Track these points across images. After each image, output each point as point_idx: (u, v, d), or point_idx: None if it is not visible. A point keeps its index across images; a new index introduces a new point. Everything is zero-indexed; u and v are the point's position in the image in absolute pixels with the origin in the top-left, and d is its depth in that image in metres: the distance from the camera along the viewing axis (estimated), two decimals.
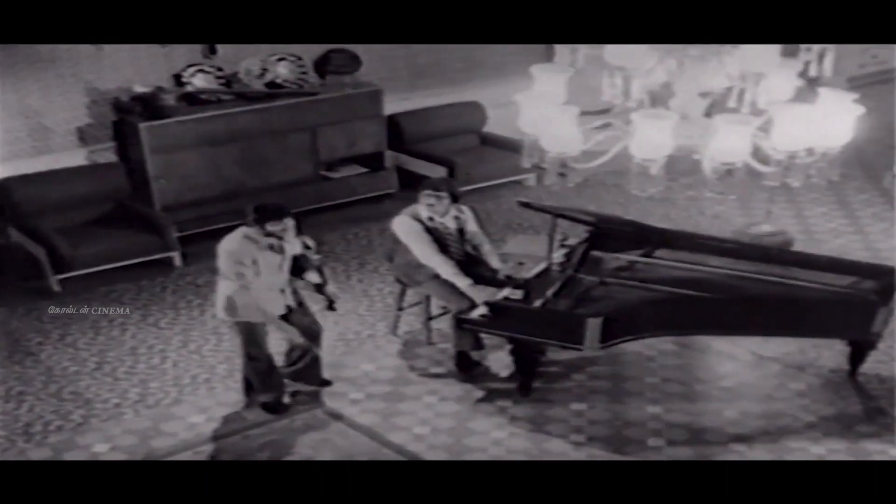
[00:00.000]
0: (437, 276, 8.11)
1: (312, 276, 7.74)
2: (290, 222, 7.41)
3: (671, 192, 11.81)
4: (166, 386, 8.18)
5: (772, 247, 9.17)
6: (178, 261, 10.21)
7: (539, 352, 7.90)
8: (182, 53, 11.12)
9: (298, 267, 7.73)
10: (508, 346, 7.90)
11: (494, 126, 12.63)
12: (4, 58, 10.18)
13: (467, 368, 8.31)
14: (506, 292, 7.87)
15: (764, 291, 7.76)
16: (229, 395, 7.98)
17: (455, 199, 8.22)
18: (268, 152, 11.15)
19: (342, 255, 10.50)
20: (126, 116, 10.69)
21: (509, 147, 11.93)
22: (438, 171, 11.40)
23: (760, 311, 7.68)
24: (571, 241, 8.54)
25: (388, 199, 11.72)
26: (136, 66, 10.89)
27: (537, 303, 7.70)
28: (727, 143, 5.34)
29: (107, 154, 10.89)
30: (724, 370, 8.23)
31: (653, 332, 7.71)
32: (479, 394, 7.99)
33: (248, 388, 7.89)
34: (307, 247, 7.67)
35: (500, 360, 8.21)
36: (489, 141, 12.44)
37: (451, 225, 8.23)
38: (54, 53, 10.46)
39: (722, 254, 8.26)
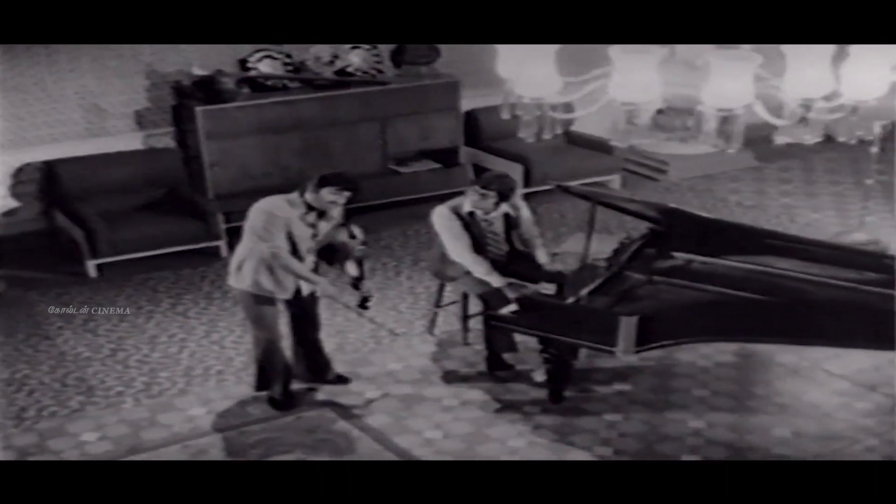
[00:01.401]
0: (469, 273, 7.35)
1: (351, 268, 7.08)
2: (344, 197, 6.80)
3: (763, 197, 10.82)
4: (176, 376, 7.64)
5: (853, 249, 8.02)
6: (224, 250, 9.62)
7: (571, 354, 7.01)
8: None
9: (338, 255, 7.12)
10: (539, 348, 7.02)
11: (583, 125, 11.76)
12: None
13: (498, 371, 7.50)
14: (539, 287, 7.02)
15: (832, 297, 6.69)
16: (239, 389, 7.40)
17: (505, 197, 7.42)
18: (332, 143, 10.55)
19: (397, 251, 9.84)
20: (185, 101, 10.18)
21: (595, 147, 11.23)
22: (514, 169, 10.59)
23: (827, 319, 6.62)
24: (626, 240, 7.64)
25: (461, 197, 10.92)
26: (200, 49, 10.40)
27: (570, 300, 6.81)
28: (726, 86, 4.40)
29: (164, 140, 10.45)
30: (783, 385, 7.28)
31: (699, 336, 6.78)
32: (506, 398, 7.21)
33: (261, 380, 7.20)
34: (352, 236, 6.96)
35: (536, 363, 7.40)
36: (574, 139, 11.61)
37: (498, 222, 7.53)
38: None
39: (793, 255, 7.20)
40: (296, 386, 7.32)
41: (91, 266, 9.30)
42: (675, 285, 7.09)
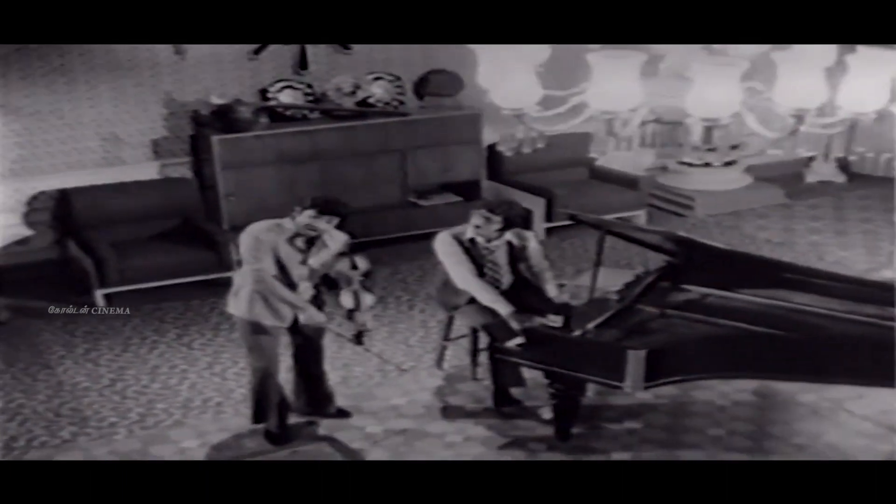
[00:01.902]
0: (474, 301, 7.07)
1: (346, 299, 6.84)
2: (331, 222, 6.60)
3: (791, 234, 10.45)
4: (173, 407, 7.41)
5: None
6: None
7: (578, 389, 6.69)
8: (270, 68, 10.49)
9: (337, 285, 6.89)
10: (545, 382, 6.72)
11: (607, 160, 11.57)
12: (81, 63, 9.72)
13: (505, 406, 7.22)
14: (545, 319, 6.73)
15: (852, 332, 6.32)
16: (237, 421, 7.17)
17: (511, 224, 7.15)
18: (351, 174, 10.34)
19: (412, 285, 9.58)
20: (202, 130, 10.03)
21: (620, 182, 10.95)
22: (537, 203, 10.33)
23: (847, 356, 6.27)
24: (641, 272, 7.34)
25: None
26: (220, 79, 10.30)
27: (577, 333, 6.51)
28: (710, 94, 4.10)
29: (181, 170, 10.29)
30: (802, 426, 6.94)
31: (711, 372, 6.48)
32: (512, 434, 6.92)
33: (257, 411, 6.95)
34: (354, 266, 6.74)
35: (545, 399, 7.05)
36: (599, 175, 11.35)
37: (501, 252, 7.22)
38: (134, 61, 9.96)
39: (813, 289, 6.84)
40: (294, 419, 7.07)
41: (99, 296, 9.12)
42: (688, 319, 6.76)
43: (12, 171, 9.70)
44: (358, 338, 6.91)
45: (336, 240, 6.67)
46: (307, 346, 7.02)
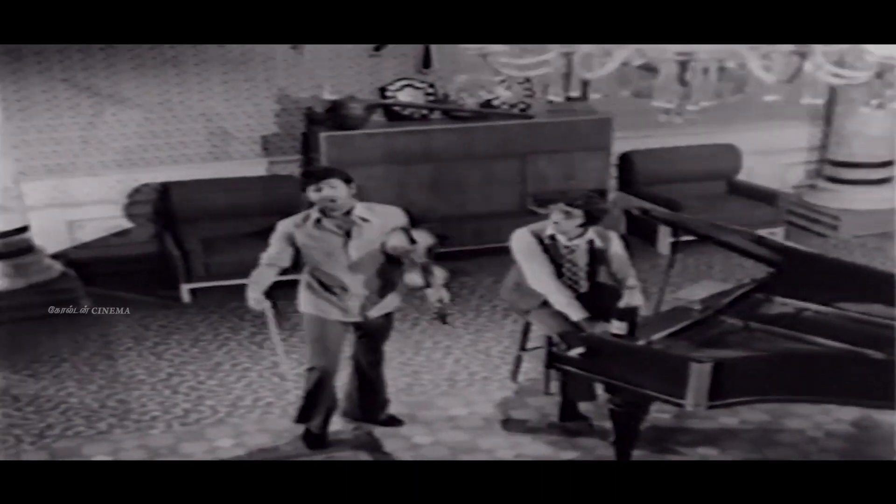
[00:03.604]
0: (546, 304, 6.32)
1: (413, 278, 6.06)
2: (335, 185, 5.95)
3: None
4: (221, 405, 6.95)
5: None
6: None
7: (637, 406, 5.81)
8: (391, 66, 9.97)
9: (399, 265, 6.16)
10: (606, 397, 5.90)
11: (752, 175, 10.56)
12: (193, 55, 9.44)
13: (570, 422, 6.50)
14: (611, 326, 5.91)
15: None
16: (281, 423, 6.67)
17: (593, 219, 6.38)
18: (466, 178, 9.72)
19: None
20: (314, 127, 9.58)
21: (759, 198, 10.05)
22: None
23: None
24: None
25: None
26: (338, 75, 9.86)
27: (640, 342, 5.67)
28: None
29: (290, 167, 9.85)
30: None
31: (789, 395, 5.54)
32: (569, 455, 6.07)
33: (303, 411, 6.38)
34: (412, 241, 6.04)
35: None
36: (738, 189, 10.48)
37: (581, 252, 6.48)
38: (248, 55, 9.62)
39: None
40: (339, 424, 6.56)
41: (185, 290, 8.77)
42: (772, 334, 5.80)
43: (116, 162, 9.46)
44: (442, 317, 6.09)
45: (382, 214, 6.07)
46: (368, 346, 6.39)
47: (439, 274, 6.06)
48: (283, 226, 6.10)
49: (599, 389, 6.28)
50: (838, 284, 6.16)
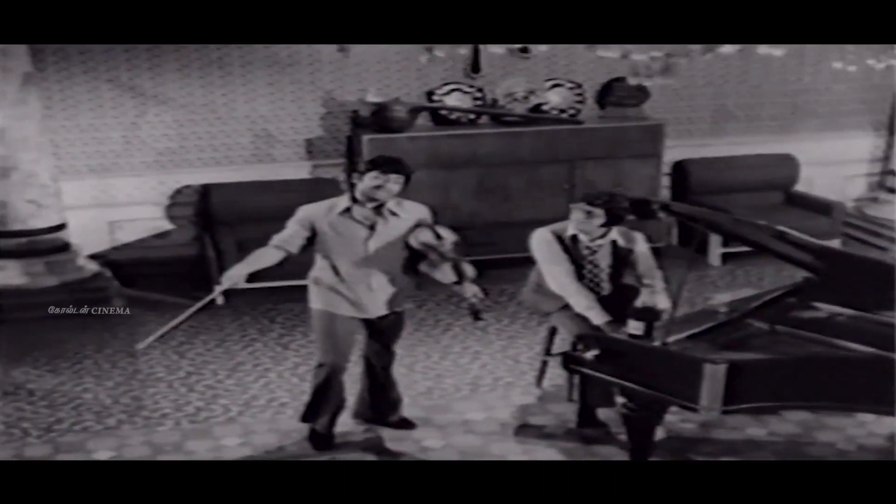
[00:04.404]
0: (567, 307, 6.03)
1: (445, 274, 5.85)
2: (393, 181, 5.77)
3: None
4: (234, 404, 6.83)
5: None
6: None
7: (651, 411, 5.49)
8: (439, 70, 9.76)
9: (426, 260, 5.96)
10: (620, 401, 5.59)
11: (812, 187, 10.15)
12: (239, 56, 9.35)
13: (588, 428, 6.29)
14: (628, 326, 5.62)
15: None
16: (292, 423, 6.47)
17: (615, 219, 6.09)
18: (512, 183, 9.46)
19: None
20: (359, 130, 9.42)
21: (816, 209, 9.65)
22: None
23: None
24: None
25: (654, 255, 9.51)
26: (385, 79, 9.68)
27: (656, 343, 5.37)
28: None
29: (334, 171, 9.70)
30: None
31: (810, 401, 5.24)
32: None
33: (309, 409, 6.21)
34: (439, 237, 5.80)
35: None
36: (796, 200, 10.08)
37: (604, 253, 6.23)
38: (294, 57, 9.50)
39: None
40: (348, 425, 6.37)
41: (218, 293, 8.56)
42: (799, 338, 5.45)
43: (158, 162, 9.38)
44: (476, 313, 5.84)
45: (410, 210, 5.91)
46: (380, 345, 6.17)
47: (469, 270, 5.81)
48: (307, 210, 5.94)
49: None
50: (878, 288, 5.76)
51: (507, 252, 9.05)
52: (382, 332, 6.12)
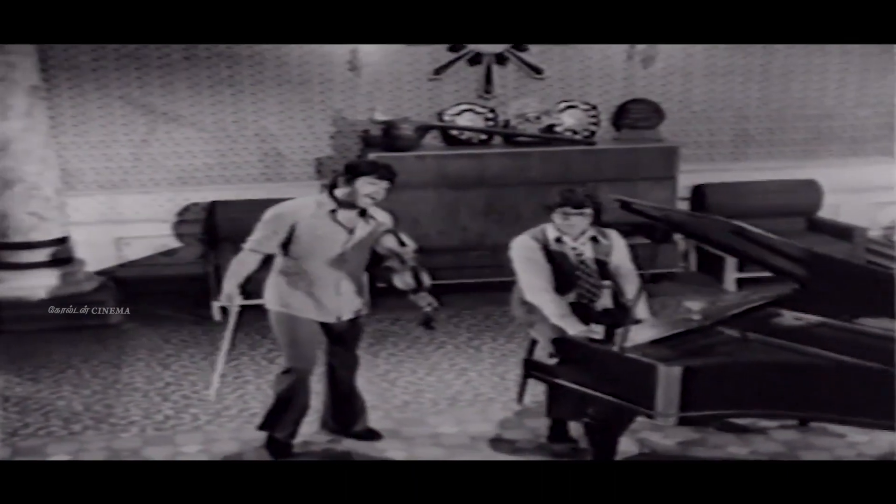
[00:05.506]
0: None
1: (404, 280, 5.71)
2: (383, 188, 5.71)
3: None
4: (204, 413, 6.71)
5: None
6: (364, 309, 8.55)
7: (610, 418, 5.24)
8: (451, 90, 9.66)
9: (386, 266, 5.84)
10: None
11: (839, 214, 9.83)
12: (249, 75, 9.34)
13: (557, 443, 6.02)
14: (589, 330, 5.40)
15: None
16: (257, 433, 6.18)
17: (600, 212, 5.91)
18: (521, 204, 9.26)
19: None
20: (369, 149, 9.31)
21: (840, 235, 9.44)
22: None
23: None
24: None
25: (668, 280, 9.27)
26: (396, 98, 9.61)
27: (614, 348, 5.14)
28: None
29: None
30: None
31: (777, 409, 4.94)
32: None
33: (270, 417, 6.06)
34: (402, 244, 5.71)
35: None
36: (818, 227, 9.76)
37: (588, 252, 5.88)
38: (305, 76, 9.48)
39: None
40: (310, 435, 6.22)
41: (216, 307, 8.52)
42: (770, 345, 5.18)
43: (167, 180, 9.37)
44: (428, 322, 5.72)
45: (379, 216, 5.88)
46: (345, 351, 6.03)
47: (426, 278, 5.66)
48: (286, 208, 5.78)
49: None
50: (863, 296, 5.47)
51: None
52: (344, 337, 5.97)
